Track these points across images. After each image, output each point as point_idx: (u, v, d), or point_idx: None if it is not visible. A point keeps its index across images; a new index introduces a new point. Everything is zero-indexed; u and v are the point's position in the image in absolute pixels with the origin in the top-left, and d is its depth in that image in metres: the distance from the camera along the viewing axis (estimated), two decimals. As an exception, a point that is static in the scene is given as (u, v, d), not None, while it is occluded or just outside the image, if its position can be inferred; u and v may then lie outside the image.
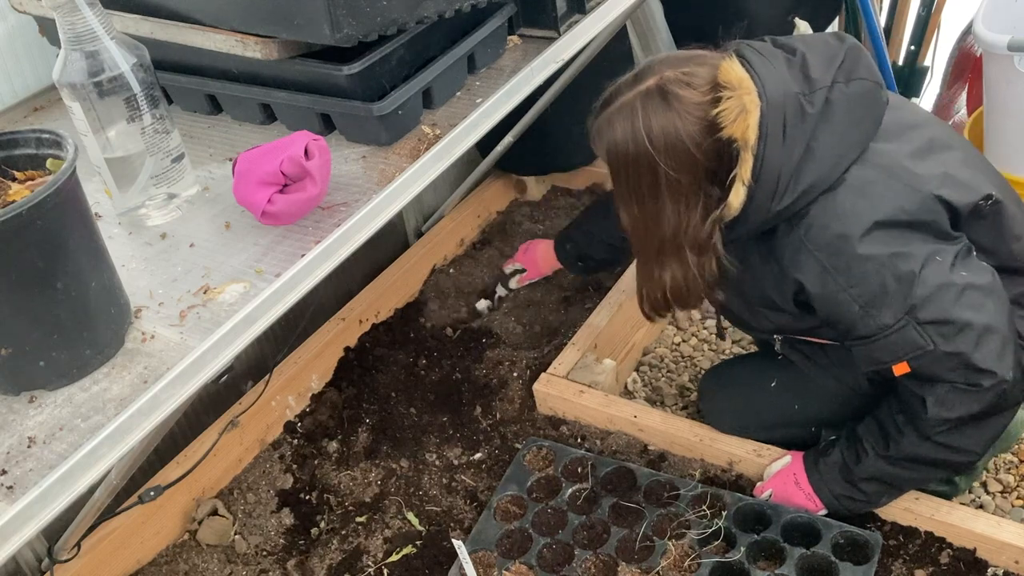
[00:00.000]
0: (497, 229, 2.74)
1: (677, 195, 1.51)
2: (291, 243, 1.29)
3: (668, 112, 1.46)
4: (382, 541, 1.88)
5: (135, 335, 1.18)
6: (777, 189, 1.47)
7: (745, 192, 1.47)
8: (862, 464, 1.64)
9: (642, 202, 1.55)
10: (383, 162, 1.44)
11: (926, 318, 1.47)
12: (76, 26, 1.21)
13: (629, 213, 1.59)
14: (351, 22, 1.32)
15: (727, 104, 1.44)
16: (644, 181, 1.51)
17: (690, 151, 1.46)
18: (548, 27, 1.68)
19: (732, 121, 1.44)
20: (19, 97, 1.82)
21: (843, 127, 1.48)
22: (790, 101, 1.46)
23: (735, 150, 1.46)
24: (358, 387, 2.23)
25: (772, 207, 1.49)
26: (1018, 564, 1.63)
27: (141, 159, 1.32)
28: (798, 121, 1.46)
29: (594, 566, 1.72)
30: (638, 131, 1.47)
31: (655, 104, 1.47)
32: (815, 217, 1.49)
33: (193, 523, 1.93)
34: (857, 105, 1.50)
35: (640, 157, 1.49)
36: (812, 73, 1.48)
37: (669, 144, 1.46)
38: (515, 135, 2.40)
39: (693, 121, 1.45)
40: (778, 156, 1.45)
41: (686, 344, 2.42)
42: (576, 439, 2.02)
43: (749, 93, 1.43)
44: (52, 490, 1.00)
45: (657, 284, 1.63)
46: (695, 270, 1.57)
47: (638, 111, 1.48)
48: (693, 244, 1.55)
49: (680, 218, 1.53)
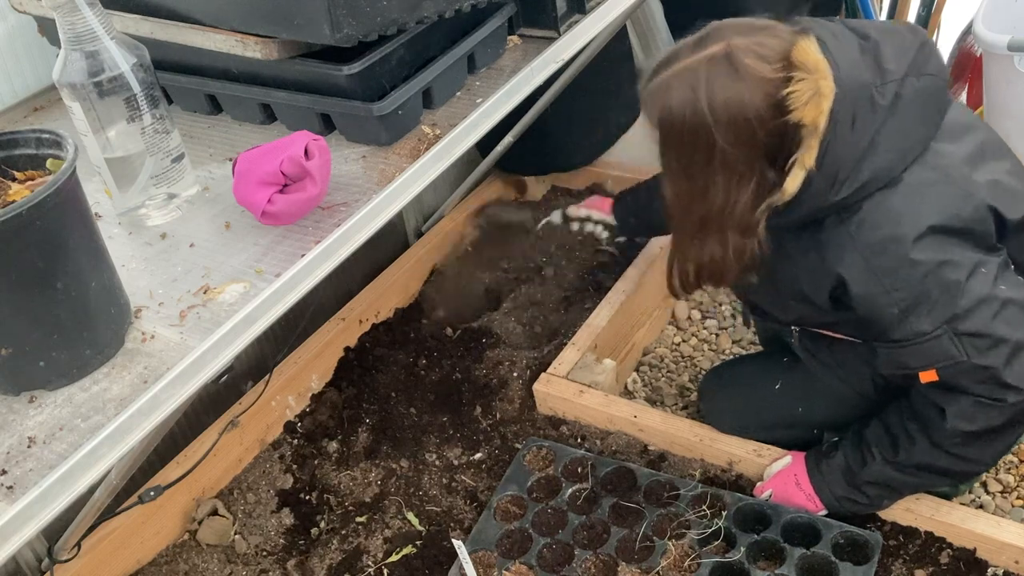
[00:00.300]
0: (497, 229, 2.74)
1: (730, 172, 1.43)
2: (291, 243, 1.29)
3: (735, 83, 1.37)
4: (382, 541, 1.88)
5: (135, 335, 1.18)
6: (837, 179, 1.41)
7: (803, 178, 1.41)
8: (867, 468, 1.63)
9: (691, 175, 1.47)
10: (383, 162, 1.44)
11: (965, 330, 1.44)
12: (76, 26, 1.21)
13: (674, 185, 1.52)
14: (351, 22, 1.32)
15: (800, 86, 1.36)
16: (697, 153, 1.43)
17: (752, 127, 1.38)
18: (548, 27, 1.68)
19: (803, 104, 1.36)
20: (19, 97, 1.82)
21: (909, 123, 1.43)
22: (862, 90, 1.40)
23: (799, 134, 1.39)
24: (358, 387, 2.24)
25: (829, 197, 1.43)
26: (1018, 564, 1.63)
27: (141, 159, 1.32)
28: (868, 112, 1.40)
29: (594, 566, 1.72)
30: (699, 99, 1.38)
31: (721, 72, 1.37)
32: (868, 214, 1.44)
33: (193, 523, 1.93)
34: (925, 102, 1.44)
35: (697, 127, 1.40)
36: (885, 64, 1.42)
37: (731, 117, 1.38)
38: (515, 135, 2.40)
39: (761, 97, 1.37)
40: (844, 146, 1.40)
41: (686, 344, 2.42)
42: (576, 439, 2.02)
43: (825, 78, 1.36)
44: (52, 490, 1.00)
45: (692, 261, 1.56)
46: (733, 251, 1.50)
47: (701, 78, 1.38)
48: (737, 225, 1.48)
49: (729, 196, 1.45)
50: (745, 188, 1.45)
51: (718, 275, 1.56)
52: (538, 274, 2.52)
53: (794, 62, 1.37)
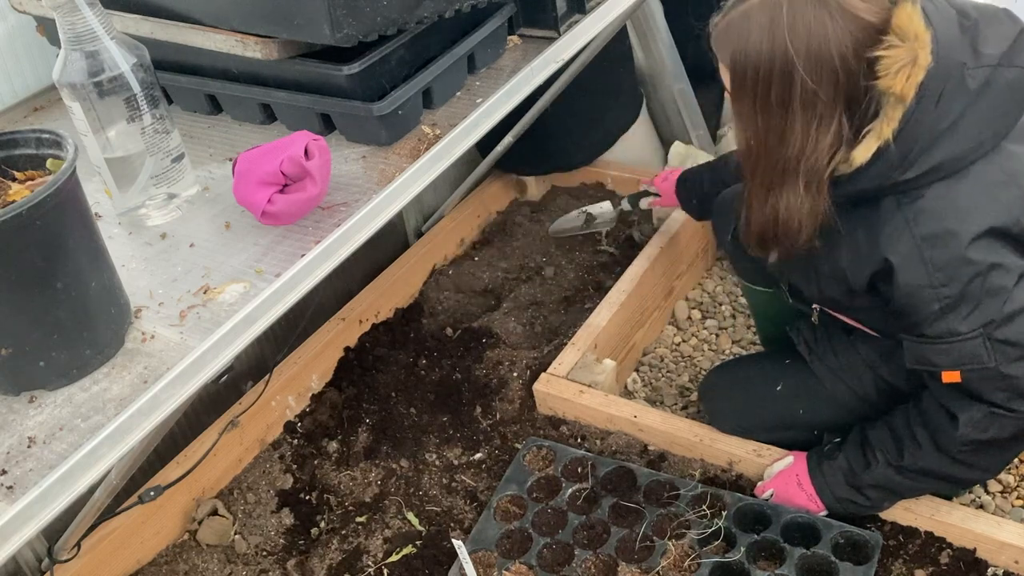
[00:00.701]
0: (497, 229, 2.74)
1: (811, 112, 1.34)
2: (291, 243, 1.29)
3: (822, 12, 1.28)
4: (382, 541, 1.88)
5: (135, 335, 1.18)
6: (909, 157, 1.35)
7: (875, 150, 1.34)
8: (870, 471, 1.62)
9: (768, 113, 1.37)
10: (383, 162, 1.44)
11: (1000, 336, 1.41)
12: (76, 26, 1.21)
13: (749, 127, 1.42)
14: (351, 22, 1.32)
15: (894, 52, 1.28)
16: (775, 89, 1.34)
17: (835, 67, 1.30)
18: (548, 27, 1.68)
19: (895, 72, 1.29)
20: (19, 97, 1.82)
21: (992, 113, 1.37)
22: (956, 70, 1.33)
23: (881, 101, 1.32)
24: (358, 387, 2.23)
25: (895, 176, 1.36)
26: (1018, 564, 1.63)
27: (141, 159, 1.32)
28: (957, 92, 1.33)
29: (594, 566, 1.72)
30: (779, 27, 1.29)
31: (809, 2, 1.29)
32: (930, 202, 1.38)
33: (193, 523, 1.93)
34: (1012, 94, 1.38)
35: (775, 59, 1.31)
36: (982, 47, 1.35)
37: (814, 49, 1.29)
38: (515, 135, 2.40)
39: (850, 37, 1.28)
40: (925, 123, 1.33)
41: (686, 344, 2.42)
42: (576, 439, 2.02)
43: (924, 48, 1.28)
44: (52, 490, 1.00)
45: (769, 211, 1.46)
46: (810, 208, 1.42)
47: (783, 4, 1.29)
48: (810, 175, 1.39)
49: (808, 139, 1.35)
50: (824, 135, 1.36)
51: (795, 229, 1.46)
52: (538, 274, 2.53)
53: (893, 24, 1.29)
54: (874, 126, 1.34)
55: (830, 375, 1.77)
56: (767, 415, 1.86)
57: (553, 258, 2.57)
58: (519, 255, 2.60)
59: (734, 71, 1.39)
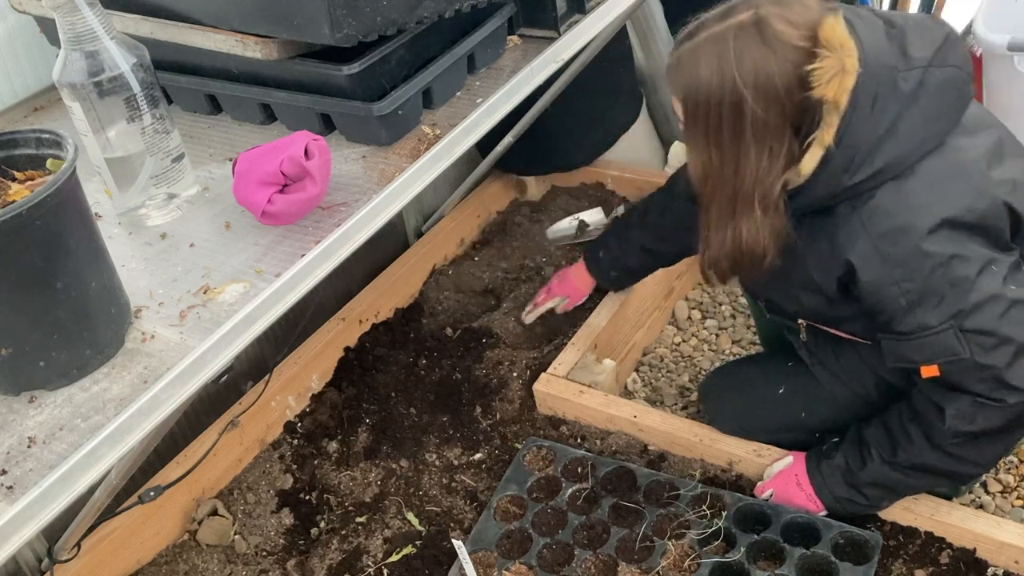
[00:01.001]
0: (497, 229, 2.74)
1: (762, 141, 1.41)
2: (291, 243, 1.29)
3: (763, 47, 1.35)
4: (382, 541, 1.88)
5: (135, 335, 1.18)
6: (854, 161, 1.40)
7: (820, 158, 1.40)
8: (867, 469, 1.63)
9: (721, 145, 1.43)
10: (383, 162, 1.44)
11: (970, 327, 1.44)
12: (76, 26, 1.21)
13: (704, 158, 1.47)
14: (351, 22, 1.32)
15: (825, 63, 1.35)
16: (727, 121, 1.40)
17: (780, 95, 1.37)
18: (548, 27, 1.68)
19: (826, 81, 1.35)
20: (19, 97, 1.82)
21: (930, 112, 1.42)
22: (887, 74, 1.39)
23: (820, 111, 1.38)
24: (358, 387, 2.23)
25: (843, 180, 1.42)
26: (1018, 564, 1.63)
27: (141, 159, 1.32)
28: (890, 96, 1.39)
29: (594, 566, 1.72)
30: (727, 64, 1.37)
31: (750, 38, 1.36)
32: (881, 201, 1.43)
33: (193, 523, 1.93)
34: (947, 93, 1.43)
35: (726, 94, 1.38)
36: (911, 51, 1.42)
37: (760, 81, 1.36)
38: (515, 135, 2.40)
39: (789, 65, 1.35)
40: (863, 127, 1.39)
41: (686, 344, 2.42)
42: (576, 439, 2.02)
43: (850, 56, 1.35)
44: (52, 490, 1.00)
45: (728, 240, 1.51)
46: (770, 231, 1.47)
47: (729, 43, 1.37)
48: (766, 200, 1.45)
49: (761, 165, 1.42)
50: (777, 159, 1.42)
51: (757, 256, 1.51)
52: (538, 274, 2.52)
53: (820, 38, 1.36)
54: (817, 134, 1.40)
55: (831, 378, 1.77)
56: (768, 417, 1.86)
57: (553, 258, 2.57)
58: (519, 255, 2.60)
59: (687, 106, 1.45)
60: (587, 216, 2.57)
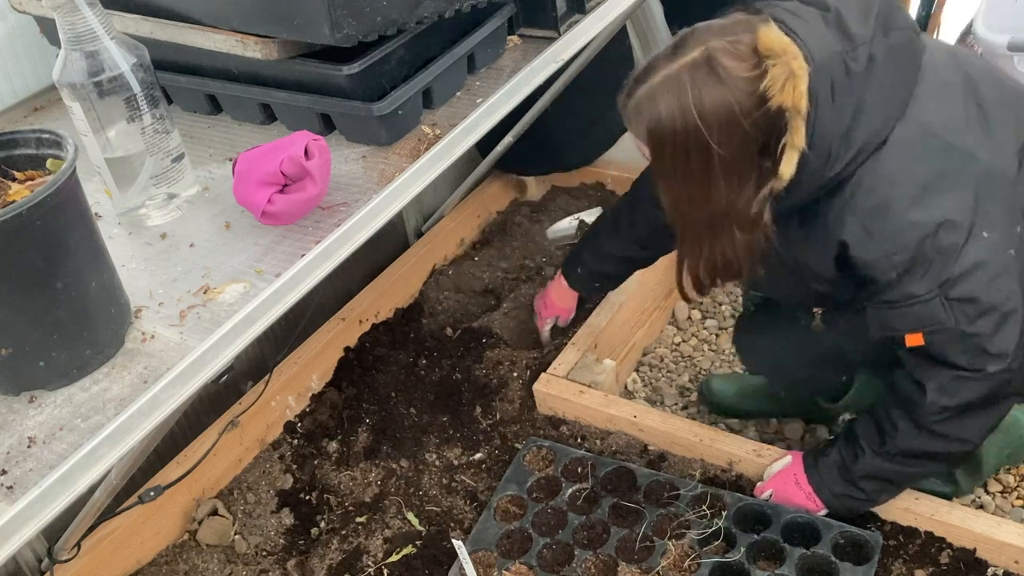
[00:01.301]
0: (497, 229, 2.74)
1: (730, 172, 1.42)
2: (291, 243, 1.29)
3: (719, 86, 1.36)
4: (382, 541, 1.88)
5: (135, 335, 1.18)
6: (831, 154, 1.41)
7: (797, 160, 1.40)
8: (859, 462, 1.63)
9: (689, 180, 1.45)
10: (383, 162, 1.44)
11: (956, 295, 1.44)
12: (76, 26, 1.21)
13: (673, 192, 1.50)
14: (351, 22, 1.32)
15: (773, 72, 1.35)
16: (693, 159, 1.41)
17: (742, 125, 1.38)
18: (548, 27, 1.68)
19: (780, 89, 1.36)
20: (19, 97, 1.82)
21: (888, 82, 1.42)
22: (835, 61, 1.39)
23: (784, 118, 1.39)
24: (358, 387, 2.23)
25: (826, 173, 1.43)
26: (1018, 564, 1.63)
27: (141, 159, 1.32)
28: (846, 82, 1.39)
29: (594, 566, 1.72)
30: (687, 107, 1.37)
31: (704, 77, 1.37)
32: (861, 179, 1.44)
33: (193, 523, 1.93)
34: (899, 57, 1.44)
35: (690, 134, 1.39)
36: (852, 28, 1.41)
37: (722, 120, 1.37)
38: (515, 135, 2.40)
39: (745, 95, 1.36)
40: (829, 120, 1.40)
41: (686, 344, 2.42)
42: (576, 439, 2.02)
43: (796, 58, 1.35)
44: (52, 490, 1.00)
45: (705, 263, 1.54)
46: (744, 247, 1.49)
47: (686, 85, 1.37)
48: (745, 221, 1.47)
49: (732, 194, 1.44)
50: (747, 184, 1.44)
51: (734, 272, 1.54)
52: (538, 274, 2.53)
53: (761, 51, 1.37)
54: (787, 140, 1.40)
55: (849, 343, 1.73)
56: (801, 350, 1.82)
57: (553, 258, 2.57)
58: (519, 255, 2.60)
59: (652, 147, 1.46)
60: (587, 216, 2.57)
